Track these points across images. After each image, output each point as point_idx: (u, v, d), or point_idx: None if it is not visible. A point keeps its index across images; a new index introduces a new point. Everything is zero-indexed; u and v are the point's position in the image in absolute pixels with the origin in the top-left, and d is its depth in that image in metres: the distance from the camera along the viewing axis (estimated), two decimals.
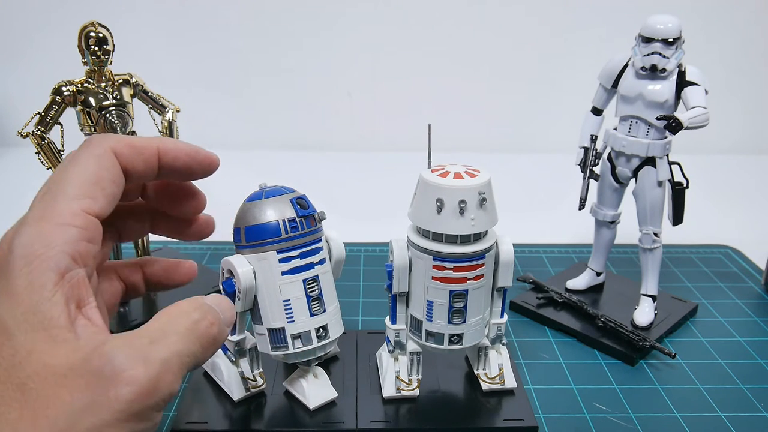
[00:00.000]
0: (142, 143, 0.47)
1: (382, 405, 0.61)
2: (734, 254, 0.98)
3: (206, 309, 0.44)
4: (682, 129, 0.67)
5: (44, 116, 0.71)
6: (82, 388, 0.36)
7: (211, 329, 0.43)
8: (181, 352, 0.40)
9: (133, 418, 0.36)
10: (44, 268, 0.38)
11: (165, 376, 0.38)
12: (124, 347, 0.38)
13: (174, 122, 0.79)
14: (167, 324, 0.41)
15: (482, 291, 0.58)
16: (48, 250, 0.39)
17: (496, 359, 0.63)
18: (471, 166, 0.56)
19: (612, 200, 0.79)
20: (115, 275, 0.54)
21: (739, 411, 0.63)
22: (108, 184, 0.44)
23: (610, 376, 0.68)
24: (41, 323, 0.37)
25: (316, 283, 0.56)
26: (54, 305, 0.38)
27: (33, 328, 0.37)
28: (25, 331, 0.37)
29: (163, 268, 0.55)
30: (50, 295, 0.38)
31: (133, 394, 0.36)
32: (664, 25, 0.69)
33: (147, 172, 0.47)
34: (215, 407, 0.60)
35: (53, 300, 0.38)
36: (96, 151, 0.44)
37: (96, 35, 0.70)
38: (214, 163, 0.51)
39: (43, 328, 0.37)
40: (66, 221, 0.41)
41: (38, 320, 0.37)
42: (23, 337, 0.37)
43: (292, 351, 0.56)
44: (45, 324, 0.37)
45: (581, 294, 0.82)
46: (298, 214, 0.54)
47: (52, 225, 0.40)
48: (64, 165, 0.44)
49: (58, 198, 0.42)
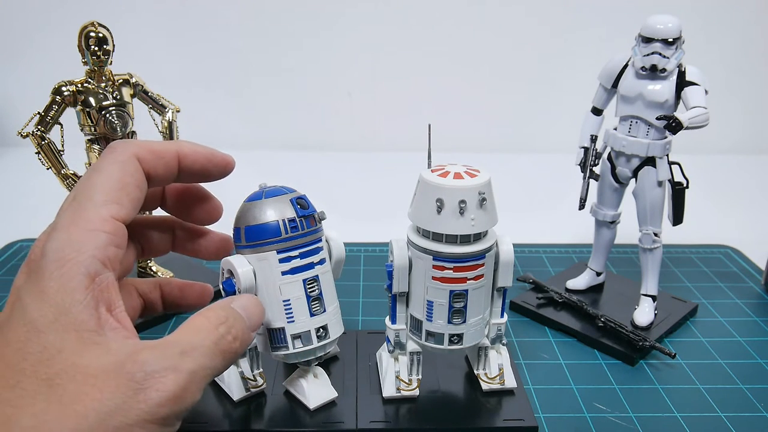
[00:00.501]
0: (162, 148, 0.49)
1: (382, 405, 0.61)
2: (734, 254, 0.98)
3: (231, 322, 0.45)
4: (682, 129, 0.67)
5: (44, 116, 0.71)
6: (113, 389, 0.37)
7: (233, 344, 0.45)
8: (206, 365, 0.42)
9: (158, 421, 0.38)
10: (75, 272, 0.40)
11: (191, 386, 0.40)
12: (157, 356, 0.39)
13: (174, 122, 0.79)
14: (196, 336, 0.43)
15: (482, 291, 0.58)
16: (79, 255, 0.41)
17: (496, 359, 0.63)
18: (471, 166, 0.56)
19: (612, 200, 0.79)
20: (135, 291, 0.55)
21: (739, 411, 0.63)
22: (133, 189, 0.46)
23: (610, 376, 0.68)
24: (72, 324, 0.39)
25: (316, 283, 0.56)
26: (85, 308, 0.39)
27: (64, 328, 0.38)
28: (56, 330, 0.38)
29: (179, 287, 0.57)
30: (82, 298, 0.39)
31: (162, 399, 0.38)
32: (664, 25, 0.69)
33: (167, 175, 0.49)
34: (215, 407, 0.60)
35: (84, 303, 0.39)
36: (120, 158, 0.46)
37: (96, 35, 0.70)
38: (229, 165, 0.53)
39: (74, 329, 0.39)
40: (96, 227, 0.42)
41: (69, 321, 0.39)
42: (54, 336, 0.38)
43: (292, 351, 0.56)
44: (76, 326, 0.39)
45: (581, 294, 0.82)
46: (298, 214, 0.54)
47: (82, 230, 0.42)
48: (90, 173, 0.46)
49: (86, 205, 0.43)
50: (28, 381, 0.37)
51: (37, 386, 0.37)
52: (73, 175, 0.72)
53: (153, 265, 0.84)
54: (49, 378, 0.37)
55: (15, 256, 0.92)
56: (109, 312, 0.41)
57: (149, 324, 0.75)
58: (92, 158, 0.74)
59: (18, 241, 0.97)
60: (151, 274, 0.84)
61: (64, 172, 0.72)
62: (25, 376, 0.37)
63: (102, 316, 0.40)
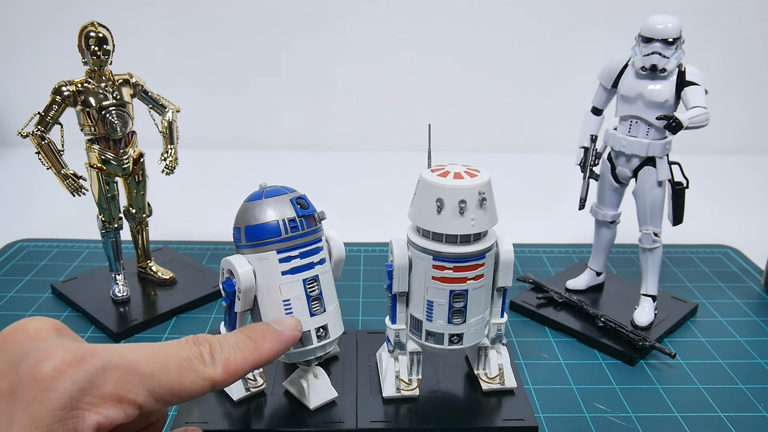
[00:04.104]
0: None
1: (382, 405, 0.61)
2: (734, 254, 0.98)
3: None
4: (682, 129, 0.67)
5: (44, 116, 0.71)
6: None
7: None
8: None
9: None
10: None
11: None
12: None
13: (174, 122, 0.79)
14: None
15: (482, 291, 0.58)
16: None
17: (496, 359, 0.63)
18: (471, 166, 0.56)
19: (612, 200, 0.79)
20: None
21: (739, 411, 0.63)
22: None
23: (610, 376, 0.68)
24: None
25: (316, 283, 0.56)
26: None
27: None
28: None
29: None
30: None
31: None
32: (664, 25, 0.69)
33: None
34: (215, 407, 0.60)
35: None
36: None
37: (96, 35, 0.70)
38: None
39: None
40: None
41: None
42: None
43: (291, 351, 0.56)
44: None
45: (581, 294, 0.82)
46: (298, 214, 0.54)
47: None
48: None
49: None
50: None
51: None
52: (73, 175, 0.72)
53: (153, 265, 0.84)
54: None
55: (15, 256, 0.92)
56: None
57: (149, 324, 0.76)
58: (92, 158, 0.74)
59: (18, 241, 0.97)
60: (151, 274, 0.84)
61: (64, 172, 0.72)
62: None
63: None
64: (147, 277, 0.84)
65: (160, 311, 0.77)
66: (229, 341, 0.46)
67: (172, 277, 0.84)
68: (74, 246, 0.97)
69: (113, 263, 0.79)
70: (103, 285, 0.81)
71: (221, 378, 0.43)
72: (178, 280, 0.84)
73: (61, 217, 1.05)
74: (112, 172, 0.75)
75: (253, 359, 0.46)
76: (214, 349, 0.44)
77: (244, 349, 0.46)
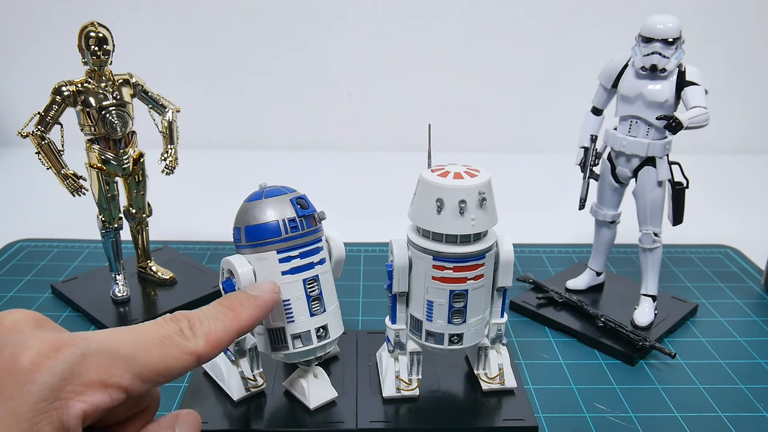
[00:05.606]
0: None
1: (382, 405, 0.61)
2: (734, 254, 0.98)
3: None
4: (682, 129, 0.67)
5: (44, 116, 0.71)
6: None
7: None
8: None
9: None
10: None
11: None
12: None
13: (174, 122, 0.79)
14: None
15: (482, 291, 0.58)
16: None
17: (496, 359, 0.63)
18: (471, 166, 0.56)
19: (612, 200, 0.79)
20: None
21: (739, 411, 0.63)
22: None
23: (610, 376, 0.68)
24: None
25: (316, 283, 0.56)
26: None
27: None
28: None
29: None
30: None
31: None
32: (664, 25, 0.69)
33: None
34: (215, 407, 0.60)
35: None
36: None
37: (96, 35, 0.70)
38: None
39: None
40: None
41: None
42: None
43: (292, 351, 0.56)
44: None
45: (581, 294, 0.82)
46: (298, 214, 0.54)
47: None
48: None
49: None
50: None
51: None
52: (73, 175, 0.72)
53: (153, 265, 0.84)
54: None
55: (15, 256, 0.92)
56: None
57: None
58: (92, 158, 0.74)
59: (18, 241, 0.97)
60: (151, 274, 0.84)
61: (64, 172, 0.72)
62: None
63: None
64: (147, 277, 0.84)
65: (160, 311, 0.77)
66: (208, 314, 0.46)
67: (172, 277, 0.84)
68: (74, 246, 0.97)
69: (113, 263, 0.79)
70: (103, 285, 0.81)
71: (204, 350, 0.43)
72: (178, 280, 0.84)
73: (61, 217, 1.05)
74: (112, 172, 0.75)
75: (234, 328, 0.46)
76: (193, 323, 0.44)
77: (224, 319, 0.46)
